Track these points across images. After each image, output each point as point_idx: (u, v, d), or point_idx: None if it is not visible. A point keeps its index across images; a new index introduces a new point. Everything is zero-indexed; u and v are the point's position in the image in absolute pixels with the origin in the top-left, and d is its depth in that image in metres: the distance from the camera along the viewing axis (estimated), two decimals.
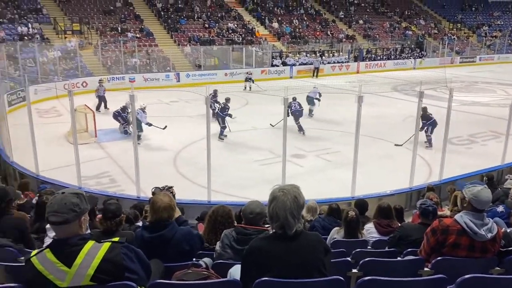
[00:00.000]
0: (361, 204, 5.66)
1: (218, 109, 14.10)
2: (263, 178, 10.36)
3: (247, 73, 23.93)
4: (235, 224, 3.69)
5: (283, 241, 2.22)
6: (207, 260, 3.00)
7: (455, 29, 42.04)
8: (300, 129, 14.21)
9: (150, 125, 13.53)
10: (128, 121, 13.86)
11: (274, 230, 2.27)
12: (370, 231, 4.95)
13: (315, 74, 28.31)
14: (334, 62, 30.83)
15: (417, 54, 35.30)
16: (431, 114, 12.84)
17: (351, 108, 9.39)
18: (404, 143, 12.64)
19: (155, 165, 10.95)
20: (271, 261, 2.23)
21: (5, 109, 13.16)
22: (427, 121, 12.66)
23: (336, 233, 4.88)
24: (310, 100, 16.23)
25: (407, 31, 38.75)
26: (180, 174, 11.03)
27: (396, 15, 41.12)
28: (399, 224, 4.94)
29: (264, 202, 2.87)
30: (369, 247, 4.71)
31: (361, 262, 3.53)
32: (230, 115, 13.98)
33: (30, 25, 25.33)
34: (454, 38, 38.93)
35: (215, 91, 15.83)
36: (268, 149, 12.35)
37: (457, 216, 3.26)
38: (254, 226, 3.17)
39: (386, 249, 4.46)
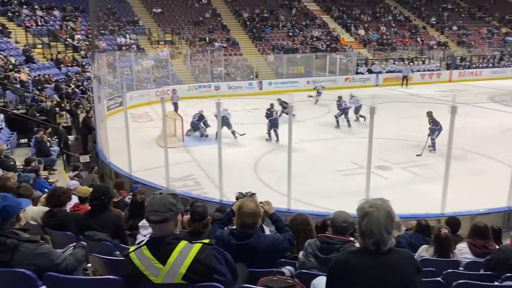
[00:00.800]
0: (454, 222, 5.28)
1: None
2: (345, 189, 10.13)
3: (318, 87, 21.90)
4: (317, 234, 3.65)
5: (373, 256, 2.14)
6: (290, 268, 2.99)
7: None
8: (349, 123, 16.19)
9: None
10: (207, 126, 14.92)
11: (363, 245, 2.19)
12: (463, 251, 4.60)
13: (404, 82, 27.01)
14: (424, 70, 29.36)
15: None
16: (436, 119, 12.97)
17: (442, 119, 8.86)
18: (422, 152, 12.58)
19: (237, 171, 11.20)
20: (358, 276, 2.16)
21: (105, 113, 14.32)
22: (436, 126, 12.76)
23: (425, 251, 4.60)
24: (358, 108, 16.80)
25: (507, 37, 35.71)
26: (260, 180, 11.16)
27: (495, 20, 38.16)
28: (497, 246, 4.54)
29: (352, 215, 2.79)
30: (461, 268, 4.39)
31: (454, 284, 3.31)
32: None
33: (127, 36, 27.45)
34: None
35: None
36: (350, 159, 12.06)
37: None
38: (339, 236, 3.11)
39: (481, 272, 4.12)
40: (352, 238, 3.13)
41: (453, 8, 38.97)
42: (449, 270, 3.82)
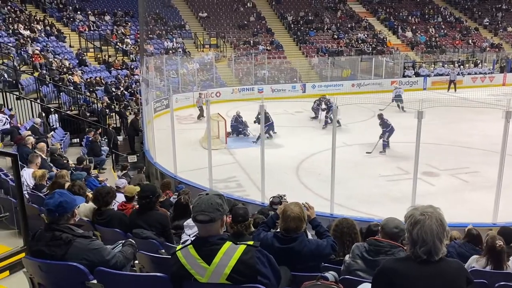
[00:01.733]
0: (507, 233, 5.02)
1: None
2: (389, 195, 9.91)
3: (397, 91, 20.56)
4: (362, 240, 3.61)
5: (422, 265, 2.08)
6: (333, 273, 2.95)
7: None
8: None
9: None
10: (246, 125, 15.55)
11: (413, 253, 2.13)
12: None
13: (451, 87, 25.52)
14: (475, 73, 28.15)
15: None
16: (387, 120, 13.36)
17: (495, 124, 8.47)
18: (373, 150, 13.04)
19: (278, 174, 11.19)
20: (405, 285, 2.10)
21: (152, 115, 14.74)
22: (387, 128, 13.28)
23: (475, 262, 4.41)
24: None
25: None
26: (302, 184, 11.10)
27: None
28: None
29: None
30: None
31: None
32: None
33: (174, 40, 28.14)
34: None
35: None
36: (396, 164, 11.76)
37: None
38: (389, 241, 3.05)
39: None
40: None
41: (508, 8, 37.13)
42: (502, 283, 3.64)
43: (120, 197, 5.83)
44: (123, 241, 3.27)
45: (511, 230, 5.20)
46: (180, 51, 26.86)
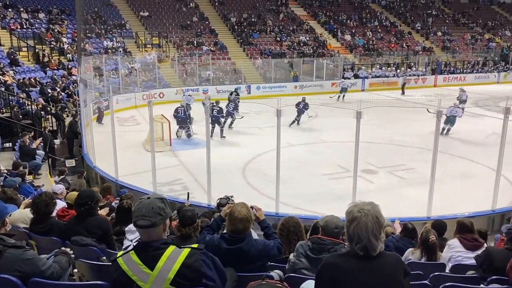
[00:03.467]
0: (440, 225, 5.34)
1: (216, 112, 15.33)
2: (332, 193, 10.19)
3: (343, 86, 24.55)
4: (310, 236, 3.68)
5: (362, 260, 2.15)
6: (279, 272, 2.99)
7: None
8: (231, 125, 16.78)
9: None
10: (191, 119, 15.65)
11: (351, 249, 2.19)
12: (453, 246, 4.61)
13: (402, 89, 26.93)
14: (410, 75, 29.76)
15: (502, 68, 32.98)
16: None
17: (427, 123, 8.98)
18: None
19: (224, 175, 11.16)
20: (347, 279, 2.16)
21: (90, 117, 14.15)
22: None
23: (411, 254, 4.65)
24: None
25: (490, 43, 36.45)
26: (249, 184, 11.16)
27: (479, 26, 38.89)
28: (485, 244, 4.62)
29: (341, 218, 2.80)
30: (447, 271, 4.44)
31: (440, 286, 3.34)
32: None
33: (114, 39, 27.24)
34: None
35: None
36: (337, 164, 12.13)
37: None
38: (331, 238, 3.14)
39: (467, 274, 4.17)
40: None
41: (437, 14, 39.61)
42: (436, 273, 3.86)
43: (59, 203, 5.54)
44: (56, 250, 3.10)
45: (443, 222, 5.55)
46: (120, 51, 26.05)
